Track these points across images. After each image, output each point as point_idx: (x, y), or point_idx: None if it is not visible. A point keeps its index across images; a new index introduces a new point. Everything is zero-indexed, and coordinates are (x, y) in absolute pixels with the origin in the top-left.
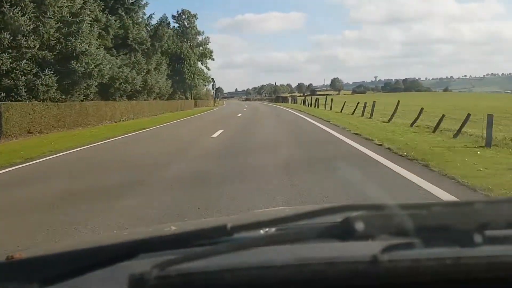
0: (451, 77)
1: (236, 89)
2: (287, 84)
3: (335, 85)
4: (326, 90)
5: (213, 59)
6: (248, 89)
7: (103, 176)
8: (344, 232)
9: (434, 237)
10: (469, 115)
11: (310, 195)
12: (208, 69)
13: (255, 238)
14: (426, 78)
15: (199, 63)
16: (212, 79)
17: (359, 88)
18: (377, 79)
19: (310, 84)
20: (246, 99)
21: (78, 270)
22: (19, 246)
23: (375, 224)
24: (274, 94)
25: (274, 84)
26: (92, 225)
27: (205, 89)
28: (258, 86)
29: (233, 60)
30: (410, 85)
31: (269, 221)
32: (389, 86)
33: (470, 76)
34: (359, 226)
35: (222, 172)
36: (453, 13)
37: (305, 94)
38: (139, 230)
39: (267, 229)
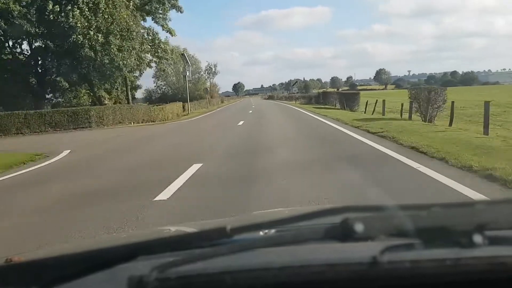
0: (489, 70)
1: (261, 85)
2: (317, 79)
3: (381, 78)
4: (365, 85)
5: (180, 11)
6: (273, 84)
7: None
8: (344, 233)
9: (434, 238)
10: None
11: None
12: (172, 34)
13: (255, 240)
14: (462, 72)
15: (149, 18)
16: (182, 54)
17: (402, 82)
18: (411, 73)
19: (350, 77)
20: (269, 97)
21: (77, 272)
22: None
23: (375, 225)
24: (305, 90)
25: (303, 79)
26: None
27: (207, 84)
28: (285, 82)
29: (258, 57)
30: (464, 78)
31: (268, 223)
32: (433, 80)
33: (510, 69)
34: (359, 227)
35: None
36: (486, 5)
37: (342, 90)
38: (138, 233)
39: (266, 231)
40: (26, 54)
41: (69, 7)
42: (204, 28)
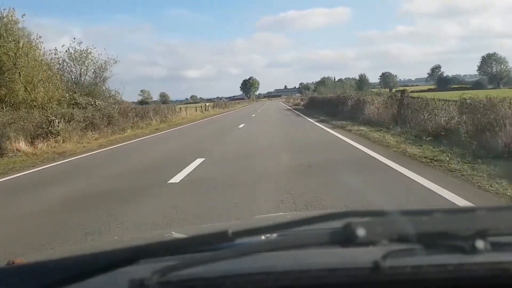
0: None
1: (285, 86)
2: (351, 78)
3: (491, 70)
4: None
5: None
6: (302, 83)
7: None
8: (345, 238)
9: (435, 243)
10: None
11: None
12: None
13: (256, 244)
14: None
15: None
16: None
17: (446, 83)
18: (444, 74)
19: (437, 67)
20: (312, 102)
21: (79, 276)
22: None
23: (376, 230)
24: (359, 89)
25: (333, 78)
26: None
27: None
28: (314, 81)
29: (279, 58)
30: None
31: (270, 227)
32: (495, 79)
33: None
34: (360, 232)
35: None
36: None
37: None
38: (139, 236)
39: (268, 235)
40: None
41: None
42: (222, 30)
